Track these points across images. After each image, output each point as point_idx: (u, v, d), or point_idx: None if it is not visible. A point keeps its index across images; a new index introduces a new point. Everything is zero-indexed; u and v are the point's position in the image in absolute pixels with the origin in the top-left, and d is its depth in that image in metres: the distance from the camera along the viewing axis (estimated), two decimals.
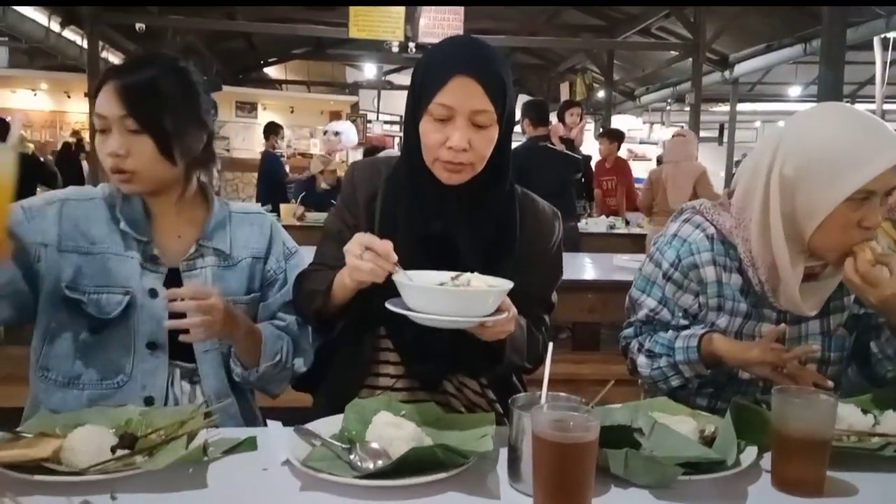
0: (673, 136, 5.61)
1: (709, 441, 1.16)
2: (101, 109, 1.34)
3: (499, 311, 1.18)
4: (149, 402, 1.37)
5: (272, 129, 7.96)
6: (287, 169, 7.80)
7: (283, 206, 5.60)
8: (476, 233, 1.35)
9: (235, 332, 1.36)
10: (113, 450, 1.07)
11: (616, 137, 6.79)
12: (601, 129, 10.36)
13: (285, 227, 1.64)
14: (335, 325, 1.39)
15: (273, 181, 7.43)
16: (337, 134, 6.44)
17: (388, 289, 1.19)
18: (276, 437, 1.19)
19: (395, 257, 1.17)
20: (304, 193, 5.86)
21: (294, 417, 1.33)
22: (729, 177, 11.23)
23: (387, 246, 1.17)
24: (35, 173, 6.09)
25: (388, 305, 1.18)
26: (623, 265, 3.48)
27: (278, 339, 1.44)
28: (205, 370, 1.43)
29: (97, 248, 1.38)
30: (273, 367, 1.41)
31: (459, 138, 1.25)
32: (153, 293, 1.38)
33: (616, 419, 1.11)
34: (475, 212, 1.35)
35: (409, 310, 1.15)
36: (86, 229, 1.39)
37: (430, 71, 1.29)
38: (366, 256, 1.18)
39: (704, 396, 1.54)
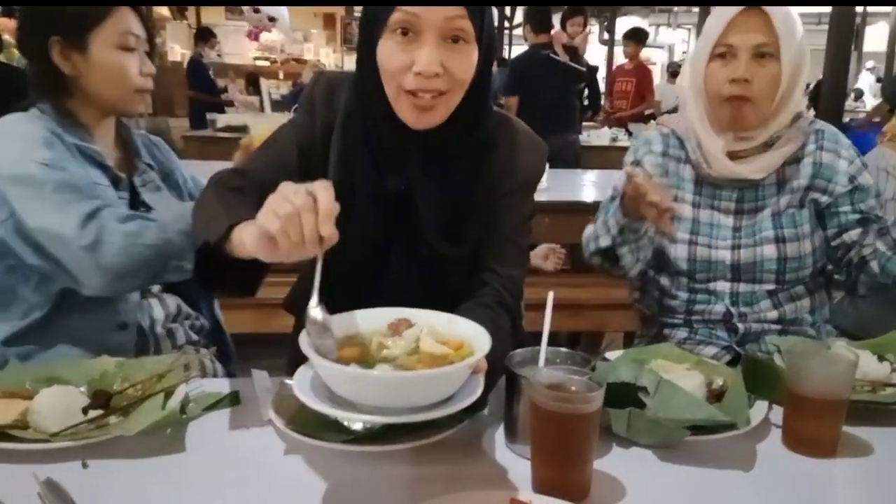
0: None
1: (717, 395, 1.10)
2: (136, 30, 1.37)
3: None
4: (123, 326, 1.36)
5: (203, 35, 7.50)
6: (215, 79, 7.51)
7: (273, 115, 5.42)
8: (442, 189, 1.12)
9: None
10: (85, 410, 1.01)
11: (641, 38, 6.55)
12: (606, 34, 9.99)
13: None
14: (223, 283, 1.01)
15: (200, 91, 7.11)
16: (273, 20, 5.83)
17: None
18: (261, 391, 1.13)
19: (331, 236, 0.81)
20: (297, 105, 5.66)
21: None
22: None
23: (328, 205, 0.80)
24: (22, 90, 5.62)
25: (296, 390, 0.85)
26: None
27: None
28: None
29: None
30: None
31: (429, 59, 1.00)
32: None
33: (620, 375, 1.04)
34: (443, 164, 1.12)
35: (327, 398, 0.84)
36: None
37: None
38: (283, 219, 0.80)
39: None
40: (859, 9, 13.08)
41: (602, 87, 7.43)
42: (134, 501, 0.87)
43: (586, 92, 5.55)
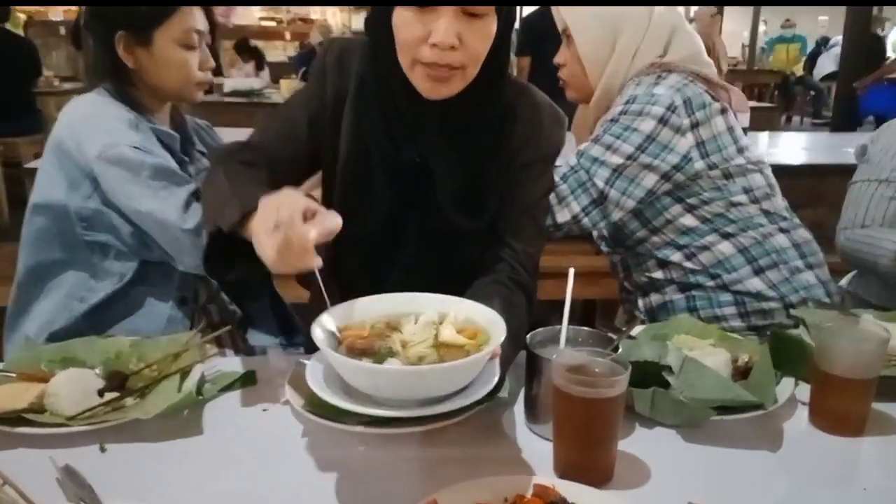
0: None
1: (742, 372, 1.08)
2: (200, 26, 1.39)
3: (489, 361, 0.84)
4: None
5: None
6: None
7: (283, 82, 5.36)
8: (459, 160, 1.09)
9: None
10: (101, 393, 1.00)
11: None
12: None
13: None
14: (234, 268, 0.99)
15: None
16: None
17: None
18: (276, 371, 1.11)
19: (317, 262, 0.81)
20: (304, 69, 5.58)
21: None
22: None
23: (303, 237, 0.79)
24: (34, 67, 5.35)
25: (309, 381, 0.84)
26: None
27: None
28: None
29: None
30: None
31: (446, 31, 0.96)
32: None
33: (643, 354, 1.02)
34: (461, 134, 1.09)
35: (340, 388, 0.83)
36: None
37: None
38: (274, 238, 0.80)
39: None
40: None
41: None
42: (152, 484, 0.86)
43: None
